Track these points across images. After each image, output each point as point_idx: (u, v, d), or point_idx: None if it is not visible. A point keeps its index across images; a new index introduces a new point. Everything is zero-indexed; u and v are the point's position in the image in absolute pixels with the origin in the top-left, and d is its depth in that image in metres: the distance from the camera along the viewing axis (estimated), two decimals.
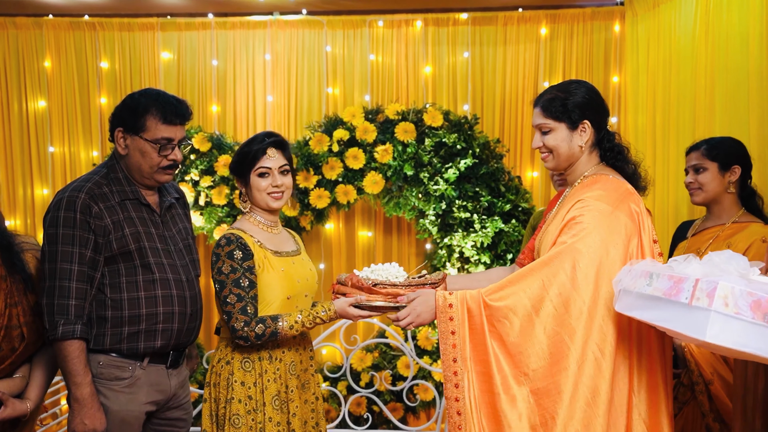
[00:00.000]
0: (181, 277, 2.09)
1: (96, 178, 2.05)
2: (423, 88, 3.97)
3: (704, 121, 3.07)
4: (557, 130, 1.89)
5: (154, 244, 2.06)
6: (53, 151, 4.01)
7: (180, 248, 2.15)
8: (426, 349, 3.51)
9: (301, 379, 2.10)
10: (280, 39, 4.00)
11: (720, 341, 1.35)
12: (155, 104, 2.03)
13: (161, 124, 2.02)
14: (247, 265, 2.00)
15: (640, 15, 3.68)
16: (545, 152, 1.93)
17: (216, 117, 4.03)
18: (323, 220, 3.70)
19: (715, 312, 1.35)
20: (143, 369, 2.04)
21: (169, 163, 2.05)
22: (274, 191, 2.10)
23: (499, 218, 3.49)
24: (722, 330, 1.34)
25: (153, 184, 2.10)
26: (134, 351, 2.02)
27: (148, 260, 2.02)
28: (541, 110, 1.91)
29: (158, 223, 2.11)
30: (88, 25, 3.97)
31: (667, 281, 1.50)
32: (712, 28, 3.03)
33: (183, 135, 2.08)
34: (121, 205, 2.03)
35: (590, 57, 3.93)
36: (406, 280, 1.97)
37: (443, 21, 3.97)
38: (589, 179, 1.89)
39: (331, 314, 2.00)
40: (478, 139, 3.57)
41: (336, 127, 3.60)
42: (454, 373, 1.79)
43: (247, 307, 1.97)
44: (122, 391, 2.01)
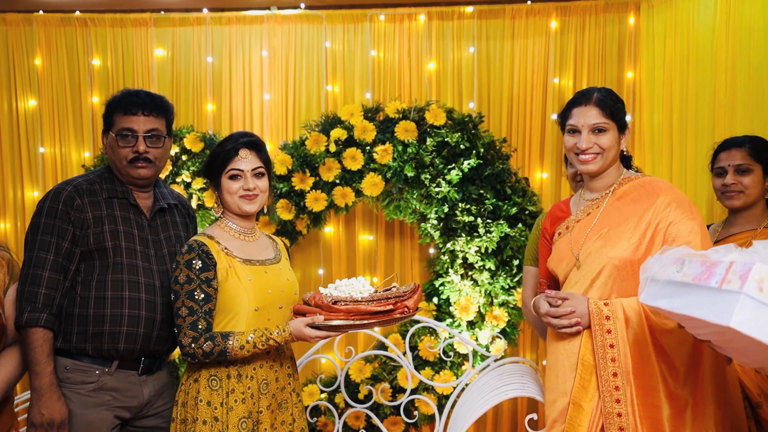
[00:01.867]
0: (155, 282, 2.05)
1: (91, 176, 2.12)
2: (426, 85, 3.80)
3: (724, 118, 2.91)
4: (611, 132, 1.88)
5: (133, 245, 2.04)
6: (44, 151, 3.88)
7: (163, 254, 2.11)
8: (428, 359, 3.33)
9: (277, 399, 1.95)
10: (278, 34, 3.84)
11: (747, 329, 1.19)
12: (120, 98, 2.06)
13: (122, 115, 2.03)
14: (205, 277, 1.87)
15: (656, 6, 3.49)
16: (593, 154, 1.87)
17: (211, 116, 3.88)
18: (320, 224, 3.53)
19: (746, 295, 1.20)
20: (110, 374, 2.00)
21: (134, 154, 2.03)
22: (246, 194, 1.97)
23: (505, 222, 3.31)
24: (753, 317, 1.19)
25: (132, 181, 2.09)
26: (99, 352, 1.98)
27: (121, 260, 2.00)
28: (599, 108, 1.86)
29: (144, 225, 2.09)
30: (79, 21, 3.84)
31: (699, 266, 1.36)
32: (734, 19, 2.87)
33: (151, 126, 2.04)
34: (107, 202, 2.04)
35: (603, 51, 3.72)
36: (370, 295, 1.82)
37: (448, 15, 3.78)
38: (638, 181, 1.90)
39: (286, 336, 1.87)
40: (482, 139, 3.39)
41: (333, 126, 3.43)
42: (615, 388, 1.75)
43: (198, 322, 1.85)
44: (87, 395, 1.98)
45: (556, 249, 1.97)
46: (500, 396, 2.37)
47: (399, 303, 1.84)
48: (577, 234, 1.91)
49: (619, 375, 1.75)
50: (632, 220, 1.83)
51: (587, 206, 1.95)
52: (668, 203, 1.81)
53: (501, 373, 2.68)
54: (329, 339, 3.07)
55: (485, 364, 2.97)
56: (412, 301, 1.87)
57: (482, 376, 2.84)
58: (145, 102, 2.04)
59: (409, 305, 1.85)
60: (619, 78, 3.70)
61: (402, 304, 1.84)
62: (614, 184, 1.92)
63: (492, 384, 2.58)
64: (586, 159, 1.89)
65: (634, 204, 1.85)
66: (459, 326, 3.34)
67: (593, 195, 1.95)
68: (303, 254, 3.82)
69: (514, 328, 3.36)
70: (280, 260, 2.08)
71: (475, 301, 3.33)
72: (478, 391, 2.67)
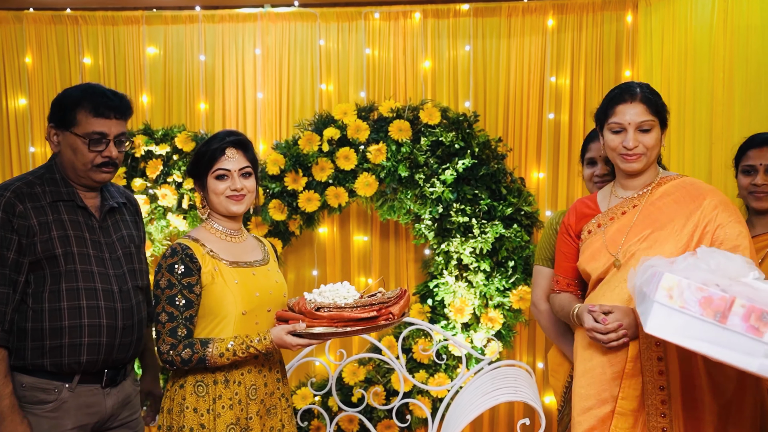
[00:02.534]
0: (112, 287, 1.93)
1: (30, 177, 1.94)
2: (422, 84, 3.75)
3: (722, 117, 2.87)
4: (655, 129, 1.84)
5: (85, 250, 1.91)
6: (34, 151, 3.84)
7: (118, 256, 1.99)
8: (422, 362, 3.29)
9: (266, 404, 1.90)
10: (271, 32, 3.79)
11: (661, 333, 1.37)
12: (86, 96, 1.90)
13: (92, 117, 1.89)
14: (187, 282, 1.81)
15: (653, 4, 3.45)
16: (639, 153, 1.82)
17: (204, 115, 3.84)
18: (314, 225, 3.49)
19: (657, 303, 1.37)
20: (71, 391, 1.88)
21: (103, 160, 1.91)
22: (233, 194, 1.92)
23: (500, 223, 3.26)
24: (666, 322, 1.36)
25: (90, 184, 1.96)
26: (59, 368, 1.86)
27: (74, 267, 1.87)
28: (646, 105, 1.82)
29: (95, 228, 1.96)
30: (70, 18, 3.79)
31: (649, 275, 1.48)
32: (732, 17, 2.83)
33: (121, 130, 1.94)
34: (52, 206, 1.89)
35: (600, 50, 3.67)
36: (355, 301, 1.76)
37: (443, 12, 3.74)
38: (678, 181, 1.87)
39: (267, 344, 1.81)
40: (477, 138, 3.34)
41: (327, 125, 3.38)
42: (661, 402, 1.73)
43: (178, 329, 1.80)
44: (45, 415, 1.86)
45: (588, 247, 1.90)
46: (491, 401, 2.32)
47: (383, 309, 1.77)
48: (615, 233, 1.85)
49: (666, 388, 1.73)
50: (678, 221, 1.78)
51: (621, 204, 1.89)
52: (715, 206, 1.78)
53: (494, 377, 2.63)
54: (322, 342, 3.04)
55: (479, 367, 2.92)
56: (398, 307, 1.80)
57: (475, 380, 2.79)
58: (117, 105, 1.93)
59: (394, 311, 1.79)
60: (617, 76, 3.65)
61: (386, 311, 1.77)
62: (652, 182, 1.88)
63: (484, 388, 2.54)
64: (632, 158, 1.84)
65: (678, 205, 1.81)
66: (454, 328, 3.29)
67: (627, 193, 1.90)
68: (296, 255, 3.77)
69: (509, 331, 3.32)
70: (268, 262, 2.03)
71: (470, 303, 3.29)
72: (470, 395, 2.63)
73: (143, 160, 3.46)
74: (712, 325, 1.33)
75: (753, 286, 1.39)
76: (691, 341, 1.35)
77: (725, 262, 1.45)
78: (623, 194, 1.91)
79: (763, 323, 1.31)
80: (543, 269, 2.37)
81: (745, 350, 1.31)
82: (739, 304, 1.33)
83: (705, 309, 1.34)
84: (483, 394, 2.45)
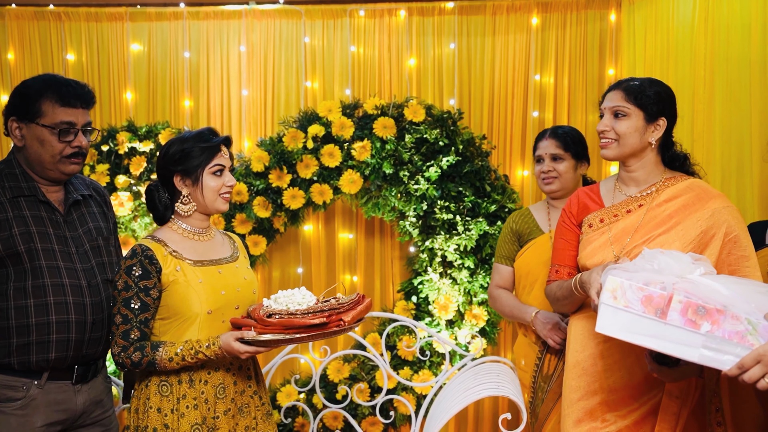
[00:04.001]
0: (80, 282, 1.90)
1: None
2: (407, 82, 3.75)
3: (703, 114, 2.90)
4: (633, 117, 1.82)
5: (50, 245, 1.88)
6: None
7: (86, 250, 1.96)
8: (406, 359, 3.29)
9: (237, 403, 1.89)
10: (256, 30, 3.78)
11: (610, 332, 1.47)
12: (50, 86, 1.87)
13: (59, 106, 1.86)
14: (144, 285, 1.79)
15: (636, 3, 3.47)
16: (610, 139, 1.83)
17: (188, 112, 3.82)
18: (298, 222, 3.49)
19: (603, 304, 1.47)
20: (40, 387, 1.85)
21: (73, 150, 1.88)
22: (227, 191, 1.92)
23: (484, 220, 3.27)
24: (613, 321, 1.46)
25: (58, 177, 1.92)
26: (27, 366, 1.83)
27: (39, 263, 1.84)
28: (624, 92, 1.82)
29: (59, 222, 1.93)
30: (53, 14, 3.77)
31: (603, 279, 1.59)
32: (712, 16, 2.85)
33: (86, 120, 1.92)
34: (12, 202, 1.86)
35: (584, 48, 3.70)
36: (307, 307, 1.73)
37: (428, 10, 3.74)
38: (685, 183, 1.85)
39: (215, 349, 1.77)
40: (461, 135, 3.35)
41: (311, 122, 3.38)
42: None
43: (131, 332, 1.79)
44: (14, 413, 1.82)
45: (590, 242, 1.88)
46: (473, 396, 2.34)
47: (334, 316, 1.72)
48: (620, 233, 1.83)
49: None
50: (685, 224, 1.77)
51: (626, 202, 1.87)
52: (723, 211, 1.77)
53: (477, 373, 2.65)
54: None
55: (462, 363, 2.93)
56: (351, 314, 1.74)
57: (458, 376, 2.81)
58: (81, 93, 1.90)
59: (346, 318, 1.73)
60: (601, 75, 3.68)
61: (337, 317, 1.72)
62: (656, 182, 1.86)
63: (467, 384, 2.55)
64: (603, 143, 1.85)
65: (686, 208, 1.79)
66: (438, 325, 3.30)
67: (631, 190, 1.89)
68: (281, 252, 3.77)
69: (493, 327, 3.33)
70: (237, 258, 2.00)
71: (454, 300, 3.30)
72: (453, 390, 2.64)
73: (127, 157, 3.45)
74: (654, 322, 1.42)
75: (694, 282, 1.47)
76: (637, 337, 1.44)
77: (671, 261, 1.53)
78: (627, 191, 1.89)
79: (699, 316, 1.39)
80: (503, 268, 2.59)
81: (686, 342, 1.41)
82: (677, 300, 1.41)
83: (646, 307, 1.43)
84: (466, 390, 2.46)
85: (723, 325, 1.38)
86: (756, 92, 2.56)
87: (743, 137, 2.64)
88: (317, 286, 3.76)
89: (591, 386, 1.81)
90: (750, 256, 1.75)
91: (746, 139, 2.62)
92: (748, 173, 2.61)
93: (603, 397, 1.80)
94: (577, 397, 1.83)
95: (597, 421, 1.79)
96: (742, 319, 1.38)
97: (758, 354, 1.35)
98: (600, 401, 1.80)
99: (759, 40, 2.55)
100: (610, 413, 1.79)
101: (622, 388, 1.79)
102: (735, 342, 1.38)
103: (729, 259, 1.75)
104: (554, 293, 1.97)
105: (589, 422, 1.80)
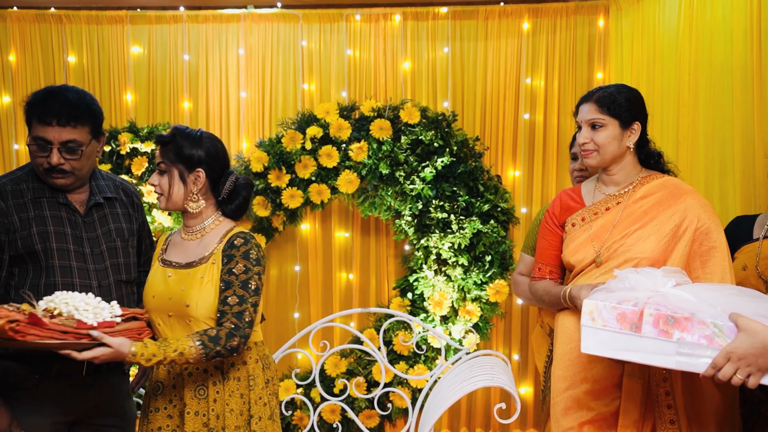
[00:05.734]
0: (91, 282, 1.96)
1: (19, 173, 1.99)
2: (402, 84, 3.85)
3: (687, 117, 3.00)
4: (609, 127, 1.92)
5: (65, 245, 1.94)
6: (18, 148, 3.87)
7: (101, 251, 2.01)
8: (402, 354, 3.39)
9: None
10: (254, 33, 3.87)
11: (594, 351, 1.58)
12: (40, 102, 1.89)
13: (37, 123, 1.88)
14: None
15: (624, 9, 3.58)
16: (591, 149, 1.93)
17: (188, 114, 3.90)
18: (296, 221, 3.57)
19: (584, 326, 1.58)
20: (52, 379, 1.91)
21: (48, 166, 1.89)
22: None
23: (478, 219, 3.38)
24: (594, 341, 1.57)
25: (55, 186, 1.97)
26: (38, 359, 1.89)
27: (53, 262, 1.91)
28: (597, 105, 1.92)
29: (77, 223, 1.99)
30: (54, 17, 3.83)
31: None
32: (696, 23, 2.96)
33: (69, 138, 1.88)
34: (34, 202, 1.94)
35: (574, 52, 3.82)
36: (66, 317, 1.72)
37: (422, 15, 3.84)
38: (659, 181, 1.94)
39: None
40: (456, 137, 3.46)
41: (309, 123, 3.47)
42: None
43: None
44: (26, 401, 1.89)
45: (573, 240, 1.98)
46: (469, 386, 2.43)
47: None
48: (600, 229, 1.93)
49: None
50: (659, 219, 1.87)
51: (605, 200, 1.97)
52: (695, 206, 1.87)
53: (472, 366, 2.74)
54: (304, 333, 3.13)
55: (457, 357, 3.03)
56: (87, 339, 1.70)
57: (454, 369, 2.90)
58: (60, 111, 1.86)
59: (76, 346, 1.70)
60: (590, 78, 3.79)
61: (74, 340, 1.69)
62: (633, 181, 1.95)
63: (463, 376, 2.64)
64: (585, 154, 1.95)
65: (660, 204, 1.89)
66: (433, 321, 3.40)
67: (610, 189, 1.98)
68: (279, 251, 3.85)
69: (486, 323, 3.43)
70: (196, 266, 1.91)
71: (448, 296, 3.40)
72: (449, 383, 2.73)
73: (129, 158, 3.52)
74: (631, 336, 1.52)
75: (664, 294, 1.58)
76: (619, 353, 1.54)
77: (642, 279, 1.63)
78: (606, 190, 1.99)
79: (670, 326, 1.49)
80: (526, 256, 2.61)
81: (662, 351, 1.50)
82: (648, 314, 1.51)
83: (622, 323, 1.53)
84: (462, 381, 2.55)
85: (692, 331, 1.47)
86: (738, 96, 2.67)
87: (726, 138, 2.74)
88: (314, 283, 3.85)
89: (577, 376, 1.90)
90: (719, 248, 1.84)
91: (729, 140, 2.72)
92: (730, 172, 2.72)
93: (588, 387, 1.89)
94: (564, 386, 1.92)
95: (583, 410, 1.88)
96: (708, 324, 1.47)
97: (727, 352, 1.44)
98: (585, 390, 1.89)
99: (740, 47, 2.65)
100: (595, 402, 1.88)
101: (604, 378, 1.88)
102: (705, 345, 1.47)
103: (700, 250, 1.85)
104: (540, 296, 2.07)
105: (576, 410, 1.88)
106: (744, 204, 2.63)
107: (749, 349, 1.42)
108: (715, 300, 1.55)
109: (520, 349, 3.76)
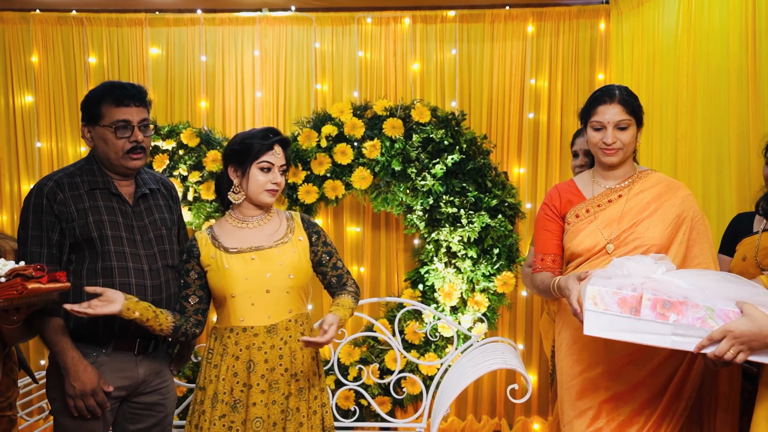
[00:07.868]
0: (143, 266, 2.14)
1: (72, 169, 2.17)
2: (411, 85, 4.00)
3: (686, 118, 3.12)
4: (632, 127, 2.07)
5: (119, 233, 2.13)
6: (40, 146, 4.00)
7: (150, 238, 2.20)
8: (414, 343, 3.55)
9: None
10: (269, 35, 4.01)
11: (596, 333, 1.69)
12: (106, 91, 2.11)
13: (114, 107, 2.09)
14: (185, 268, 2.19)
15: (624, 13, 3.73)
16: (616, 148, 2.07)
17: (205, 113, 4.04)
18: (311, 216, 3.72)
19: (587, 310, 1.69)
20: (107, 356, 2.12)
21: (131, 145, 2.11)
22: (272, 188, 2.12)
23: (486, 213, 3.53)
24: (596, 324, 1.69)
25: (125, 172, 2.17)
26: (95, 337, 2.10)
27: (108, 248, 2.10)
28: (622, 106, 2.06)
29: (128, 212, 2.17)
30: (75, 20, 3.96)
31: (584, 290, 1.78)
32: (694, 27, 3.08)
33: (143, 117, 2.14)
34: (89, 194, 2.12)
35: (576, 54, 3.97)
36: None
37: (431, 18, 3.99)
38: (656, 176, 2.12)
39: None
40: (465, 135, 3.61)
41: (324, 122, 3.62)
42: None
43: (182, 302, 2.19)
44: None
45: (579, 230, 2.11)
46: (484, 368, 2.59)
47: None
48: (607, 220, 2.08)
49: None
50: (663, 209, 2.04)
51: (606, 193, 2.12)
52: (689, 198, 2.07)
53: (484, 351, 2.90)
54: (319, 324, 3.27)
55: (468, 344, 3.19)
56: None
57: (466, 354, 3.06)
58: (134, 94, 2.11)
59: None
60: (591, 79, 3.95)
61: None
62: (632, 175, 2.12)
63: (476, 360, 2.80)
64: (610, 152, 2.08)
65: (661, 196, 2.07)
66: (443, 311, 3.56)
67: (609, 183, 2.13)
68: None
69: (493, 313, 3.59)
70: (278, 245, 2.12)
71: (457, 288, 3.55)
72: (462, 368, 2.88)
73: (150, 155, 3.65)
74: (630, 319, 1.66)
75: (658, 280, 1.73)
76: (619, 334, 1.68)
77: (636, 266, 1.78)
78: (605, 184, 2.13)
79: (666, 309, 1.64)
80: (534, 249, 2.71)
81: (658, 332, 1.64)
82: (646, 298, 1.65)
83: (622, 307, 1.66)
84: (475, 365, 2.71)
85: (686, 313, 1.63)
86: (734, 97, 2.80)
87: (722, 137, 2.87)
88: None
89: (592, 359, 2.02)
90: (708, 235, 2.06)
91: (725, 139, 2.86)
92: (726, 170, 2.85)
93: (604, 368, 2.01)
94: (579, 369, 2.04)
95: (600, 390, 2.00)
96: (701, 307, 1.62)
97: (725, 329, 1.59)
98: (601, 371, 2.01)
99: (736, 50, 2.78)
100: (611, 381, 2.00)
101: (621, 357, 2.00)
102: (698, 326, 1.62)
103: (692, 236, 2.05)
104: (537, 286, 2.20)
105: (594, 391, 2.00)
106: (739, 199, 2.76)
107: (746, 331, 1.58)
108: (702, 285, 1.71)
109: (524, 338, 3.92)
